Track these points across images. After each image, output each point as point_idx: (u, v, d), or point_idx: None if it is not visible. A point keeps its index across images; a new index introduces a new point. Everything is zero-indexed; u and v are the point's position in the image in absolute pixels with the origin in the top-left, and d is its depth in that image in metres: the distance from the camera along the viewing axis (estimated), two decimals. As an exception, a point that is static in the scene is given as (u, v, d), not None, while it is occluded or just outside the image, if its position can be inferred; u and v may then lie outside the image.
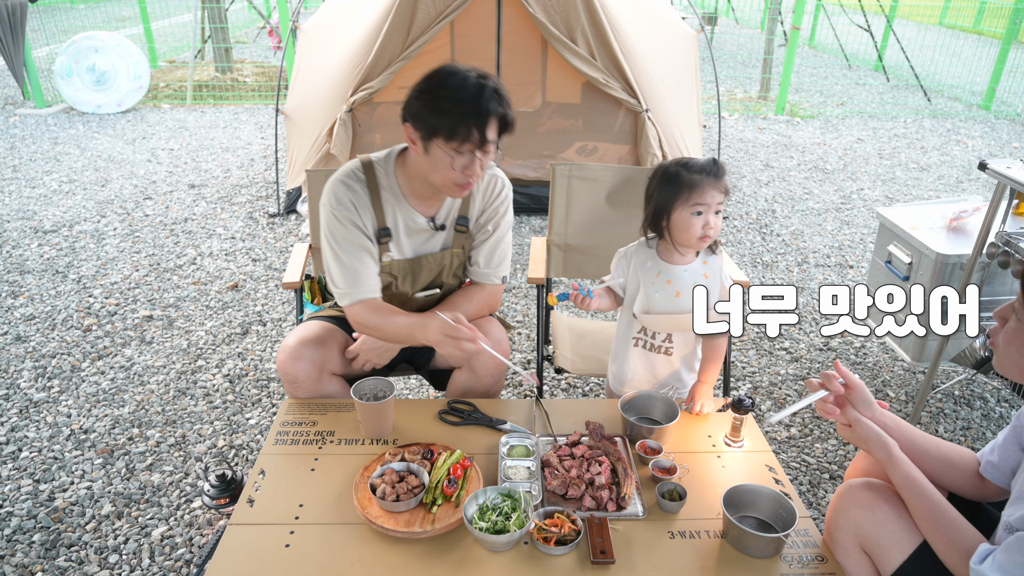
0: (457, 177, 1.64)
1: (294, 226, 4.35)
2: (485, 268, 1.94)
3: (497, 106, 1.59)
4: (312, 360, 1.80)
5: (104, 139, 6.09)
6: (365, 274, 1.76)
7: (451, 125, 1.57)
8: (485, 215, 1.90)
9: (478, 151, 1.61)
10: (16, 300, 3.45)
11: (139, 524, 2.13)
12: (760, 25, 12.04)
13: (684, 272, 1.81)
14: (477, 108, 1.56)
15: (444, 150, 1.60)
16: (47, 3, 9.30)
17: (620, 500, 1.46)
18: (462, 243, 1.91)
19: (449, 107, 1.56)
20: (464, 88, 1.57)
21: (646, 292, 1.83)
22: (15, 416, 2.61)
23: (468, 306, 1.94)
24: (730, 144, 6.31)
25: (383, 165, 1.79)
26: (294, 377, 1.80)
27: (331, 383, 1.87)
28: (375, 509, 1.42)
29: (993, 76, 7.88)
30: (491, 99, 1.58)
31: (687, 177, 1.72)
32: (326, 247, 1.78)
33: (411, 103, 1.63)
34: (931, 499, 1.26)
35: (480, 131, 1.58)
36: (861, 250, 4.22)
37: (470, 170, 1.64)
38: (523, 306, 3.50)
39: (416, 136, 1.63)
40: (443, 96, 1.58)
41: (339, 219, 1.74)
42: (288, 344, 1.82)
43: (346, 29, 4.39)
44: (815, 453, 2.51)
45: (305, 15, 9.36)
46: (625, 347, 1.94)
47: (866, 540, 1.33)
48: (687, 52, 4.67)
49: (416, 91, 1.63)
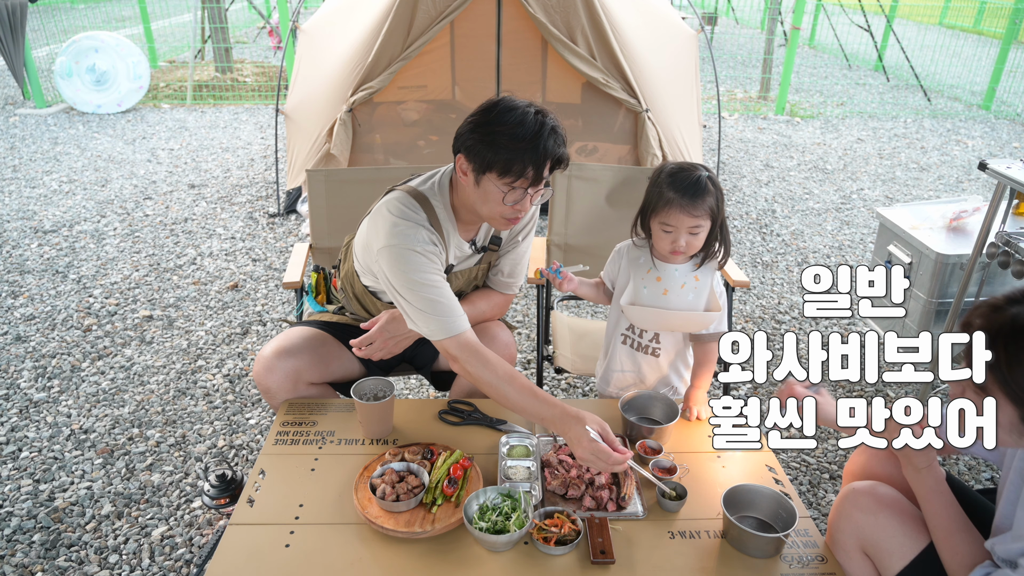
0: (507, 212, 1.62)
1: (294, 226, 4.35)
2: (508, 278, 1.95)
3: (555, 146, 1.57)
4: (285, 372, 1.80)
5: (104, 139, 6.09)
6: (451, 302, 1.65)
7: (506, 162, 1.54)
8: (517, 228, 1.90)
9: (531, 188, 1.60)
10: (16, 300, 3.45)
11: (139, 524, 2.13)
12: (760, 25, 12.04)
13: (675, 272, 1.80)
14: (535, 147, 1.54)
15: (497, 185, 1.58)
16: (47, 3, 9.30)
17: (620, 500, 1.46)
18: (490, 259, 1.92)
19: (506, 143, 1.53)
20: (523, 125, 1.54)
21: (635, 286, 1.84)
22: (15, 416, 2.61)
23: (484, 306, 1.95)
24: (730, 144, 6.31)
25: (438, 199, 1.73)
26: (267, 388, 1.80)
27: (308, 391, 1.86)
28: (375, 509, 1.42)
29: (993, 76, 7.88)
30: (549, 138, 1.56)
31: (665, 193, 1.70)
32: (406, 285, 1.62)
33: (465, 136, 1.59)
34: (954, 508, 1.26)
35: (536, 170, 1.56)
36: (861, 250, 4.22)
37: (520, 206, 1.62)
38: (523, 306, 3.50)
39: (468, 168, 1.61)
40: (501, 132, 1.54)
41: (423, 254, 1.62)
42: (263, 355, 1.82)
43: (346, 29, 4.39)
44: (815, 453, 2.51)
45: (305, 15, 9.36)
46: (613, 344, 1.95)
47: (868, 543, 1.33)
48: (687, 52, 4.67)
49: (471, 124, 1.59)
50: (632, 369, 1.93)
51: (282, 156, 5.26)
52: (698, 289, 1.80)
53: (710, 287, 1.82)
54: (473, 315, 1.93)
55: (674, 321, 1.82)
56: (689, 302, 1.81)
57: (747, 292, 3.68)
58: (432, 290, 1.61)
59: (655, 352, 1.89)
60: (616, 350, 1.94)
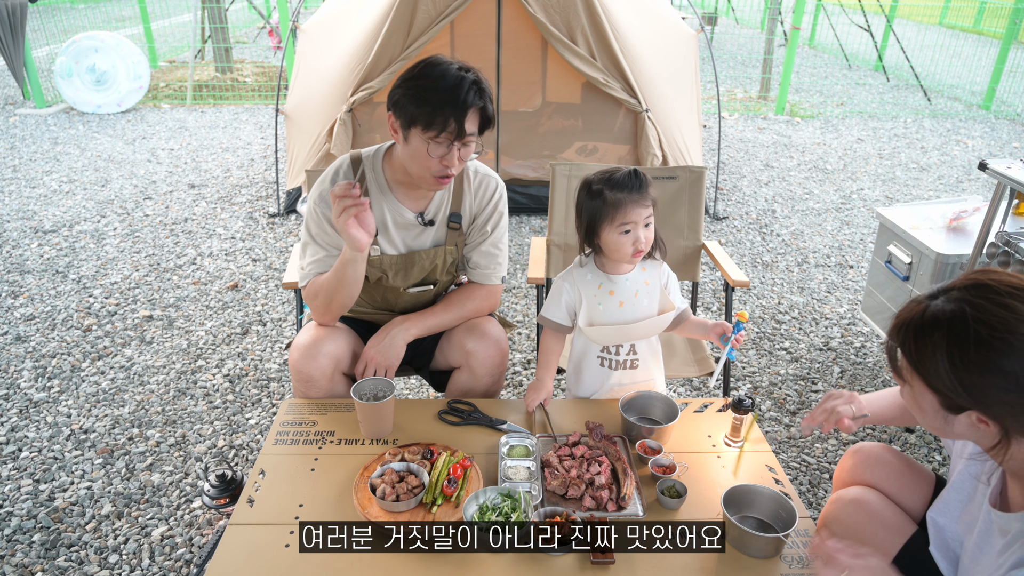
0: (435, 167, 1.65)
1: (294, 226, 4.35)
2: (484, 269, 1.94)
3: (476, 99, 1.60)
4: (327, 356, 1.80)
5: (104, 139, 6.09)
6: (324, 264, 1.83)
7: (429, 115, 1.58)
8: (482, 216, 1.90)
9: (456, 142, 1.62)
10: (16, 300, 3.45)
11: (139, 524, 2.13)
12: (760, 25, 12.04)
13: (625, 281, 1.78)
14: (455, 99, 1.57)
15: (421, 139, 1.61)
16: (47, 3, 9.30)
17: (620, 500, 1.46)
18: (455, 240, 1.90)
19: (428, 96, 1.57)
20: (444, 78, 1.58)
21: (588, 305, 1.79)
22: (15, 416, 2.61)
23: (468, 304, 1.94)
24: (730, 144, 6.31)
25: (371, 159, 1.82)
26: (309, 376, 1.78)
27: (342, 383, 1.87)
28: (375, 509, 1.42)
29: (993, 76, 7.88)
30: (471, 91, 1.58)
31: (610, 196, 1.67)
32: (304, 235, 1.85)
33: (394, 91, 1.64)
34: None
35: (458, 122, 1.59)
36: (861, 250, 4.22)
37: (447, 160, 1.64)
38: (523, 306, 3.50)
39: (397, 124, 1.66)
40: (424, 86, 1.59)
41: (318, 214, 1.79)
42: (301, 342, 1.81)
43: (346, 29, 4.39)
44: (815, 453, 2.51)
45: (305, 15, 9.36)
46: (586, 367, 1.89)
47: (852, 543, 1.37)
48: (687, 52, 4.67)
49: (400, 80, 1.64)
50: (613, 384, 1.88)
51: (282, 156, 5.27)
52: (651, 293, 1.80)
53: (660, 286, 1.82)
54: (460, 315, 1.94)
55: (636, 332, 1.80)
56: (645, 307, 1.79)
57: (747, 292, 3.68)
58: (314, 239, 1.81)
59: (634, 364, 1.86)
60: (592, 374, 1.89)
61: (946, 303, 1.05)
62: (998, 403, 1.03)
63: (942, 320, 1.04)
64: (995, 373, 1.00)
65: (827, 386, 2.87)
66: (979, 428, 1.07)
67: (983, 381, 1.02)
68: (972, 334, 1.01)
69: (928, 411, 1.11)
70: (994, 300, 1.01)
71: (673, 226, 2.46)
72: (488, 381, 1.91)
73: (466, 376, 1.91)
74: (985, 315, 1.01)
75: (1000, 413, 1.04)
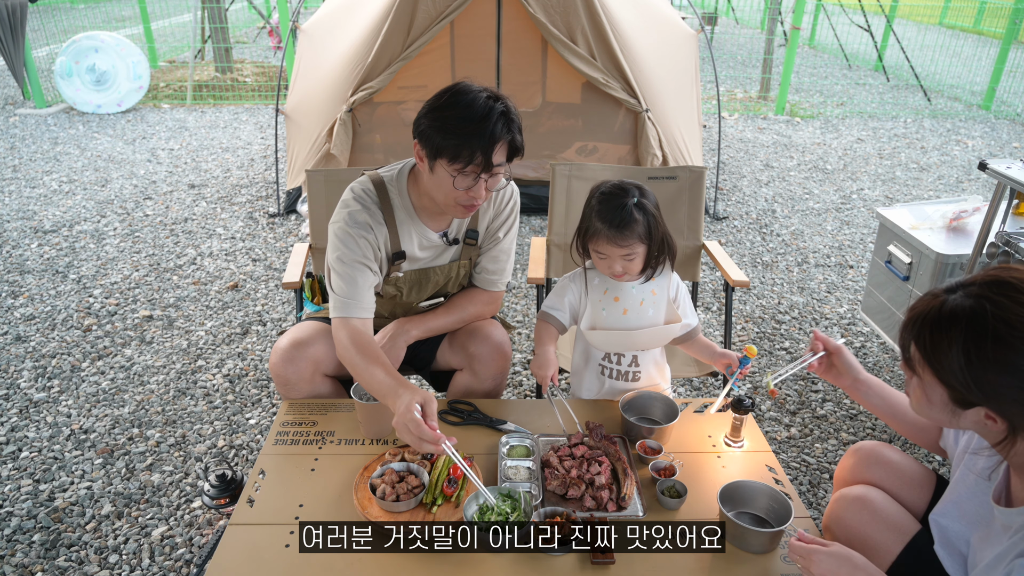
0: (460, 197, 1.60)
1: (294, 226, 4.35)
2: (491, 275, 1.94)
3: (505, 131, 1.54)
4: (306, 360, 1.79)
5: (104, 139, 6.09)
6: (363, 289, 1.70)
7: (455, 147, 1.52)
8: (495, 223, 1.88)
9: (483, 174, 1.57)
10: (16, 300, 3.45)
11: (139, 524, 2.13)
12: (760, 25, 12.03)
13: (632, 289, 1.77)
14: (482, 131, 1.50)
15: (447, 171, 1.56)
16: (47, 3, 9.30)
17: (620, 500, 1.46)
18: (470, 255, 1.90)
19: (454, 128, 1.51)
20: (472, 108, 1.51)
21: (593, 309, 1.78)
22: (15, 416, 2.61)
23: (470, 307, 1.94)
24: (730, 144, 6.31)
25: (395, 185, 1.75)
26: (286, 379, 1.79)
27: (324, 384, 1.86)
28: (375, 509, 1.42)
29: (993, 76, 7.88)
30: (499, 122, 1.52)
31: (594, 223, 1.66)
32: (332, 259, 1.72)
33: (420, 120, 1.58)
34: None
35: (485, 155, 1.53)
36: (861, 250, 4.22)
37: (474, 192, 1.59)
38: (523, 306, 3.50)
39: (423, 154, 1.60)
40: (451, 116, 1.52)
41: (353, 236, 1.68)
42: (280, 346, 1.81)
43: (346, 29, 4.39)
44: (815, 453, 2.51)
45: (305, 15, 9.36)
46: (588, 376, 1.89)
47: (859, 543, 1.37)
48: (687, 52, 4.67)
49: (426, 107, 1.58)
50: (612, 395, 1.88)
51: (282, 156, 5.26)
52: (657, 304, 1.77)
53: (667, 299, 1.79)
54: (461, 319, 1.93)
55: (639, 340, 1.78)
56: (650, 318, 1.77)
57: (747, 292, 3.68)
58: (348, 271, 1.68)
59: (636, 376, 1.85)
60: (592, 382, 1.88)
61: (965, 298, 1.04)
62: (1009, 401, 1.03)
63: (961, 315, 1.03)
64: (1011, 372, 1.00)
65: (827, 386, 2.87)
66: (986, 424, 1.07)
67: (997, 379, 1.01)
68: (991, 331, 1.00)
69: (936, 404, 1.11)
70: (1015, 298, 1.00)
71: (673, 226, 2.46)
72: (491, 384, 1.91)
73: (469, 378, 1.91)
74: (1006, 312, 1.00)
75: (1010, 411, 1.03)
